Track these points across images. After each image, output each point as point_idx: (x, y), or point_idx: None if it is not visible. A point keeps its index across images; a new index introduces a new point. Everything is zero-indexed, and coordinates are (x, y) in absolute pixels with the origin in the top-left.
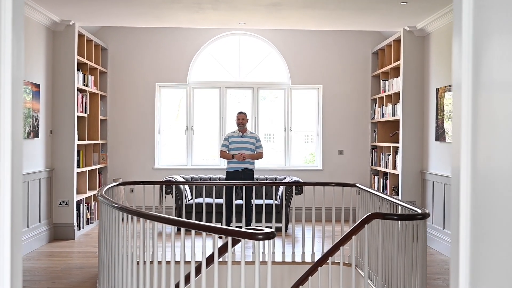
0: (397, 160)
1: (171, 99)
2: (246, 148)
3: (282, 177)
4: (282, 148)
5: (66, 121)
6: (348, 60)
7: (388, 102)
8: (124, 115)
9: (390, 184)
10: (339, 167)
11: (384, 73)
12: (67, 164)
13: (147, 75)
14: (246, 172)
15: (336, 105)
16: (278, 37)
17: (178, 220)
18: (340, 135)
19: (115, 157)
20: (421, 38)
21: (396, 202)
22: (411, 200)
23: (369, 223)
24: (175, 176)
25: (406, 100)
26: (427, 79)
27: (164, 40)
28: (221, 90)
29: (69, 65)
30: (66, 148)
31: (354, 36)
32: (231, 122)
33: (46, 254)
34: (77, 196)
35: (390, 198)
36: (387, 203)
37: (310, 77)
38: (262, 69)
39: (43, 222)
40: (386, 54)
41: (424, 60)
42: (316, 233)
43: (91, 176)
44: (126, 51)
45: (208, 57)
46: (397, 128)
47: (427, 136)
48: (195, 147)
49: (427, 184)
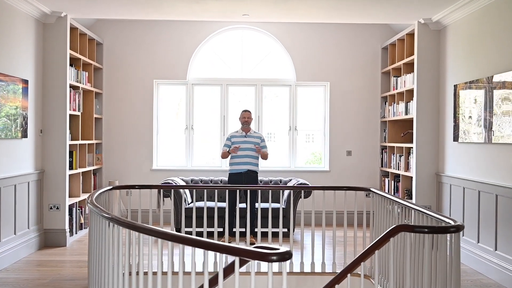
0: (410, 161)
1: (170, 97)
2: (250, 148)
3: (288, 179)
4: (286, 149)
5: (57, 120)
6: (356, 56)
7: (400, 100)
8: (120, 113)
9: (402, 187)
10: (347, 168)
11: (396, 69)
12: (59, 166)
13: (145, 71)
14: (250, 175)
15: (344, 103)
16: (283, 31)
17: (176, 235)
18: (348, 135)
19: (111, 158)
20: (436, 32)
21: (422, 210)
22: (425, 204)
23: (394, 236)
24: (174, 178)
25: (421, 98)
26: (443, 75)
27: (162, 34)
28: (223, 87)
29: (60, 60)
30: (58, 149)
31: (363, 31)
32: (233, 121)
33: (34, 263)
34: (69, 199)
35: (414, 206)
36: (405, 210)
37: (317, 73)
38: (266, 65)
39: (32, 228)
40: (398, 49)
41: (440, 55)
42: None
43: (85, 178)
44: (123, 46)
45: (209, 52)
46: (409, 127)
47: (443, 136)
48: (195, 148)
49: (443, 187)
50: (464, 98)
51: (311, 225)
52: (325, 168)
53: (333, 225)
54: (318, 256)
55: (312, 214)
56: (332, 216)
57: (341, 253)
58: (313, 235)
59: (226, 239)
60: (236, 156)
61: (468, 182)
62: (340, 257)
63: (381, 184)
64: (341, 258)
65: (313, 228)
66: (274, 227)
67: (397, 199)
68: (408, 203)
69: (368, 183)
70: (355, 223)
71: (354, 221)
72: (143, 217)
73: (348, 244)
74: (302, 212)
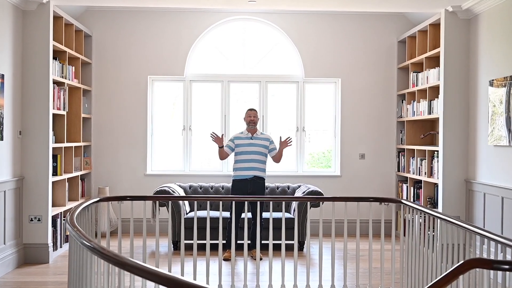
0: (434, 166)
1: (166, 95)
2: (258, 152)
3: (296, 186)
4: (292, 151)
5: (39, 120)
6: (370, 50)
7: (421, 98)
8: (111, 112)
9: (425, 194)
10: (360, 173)
11: (416, 64)
12: (41, 172)
13: (138, 67)
14: (256, 181)
15: (356, 102)
16: (290, 22)
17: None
18: (361, 136)
19: (101, 162)
20: (466, 21)
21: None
22: (454, 215)
23: (464, 274)
24: (171, 185)
25: (449, 95)
26: (474, 70)
27: (158, 26)
28: (224, 84)
29: (42, 52)
30: (39, 153)
31: (377, 22)
32: (234, 121)
33: (10, 285)
34: (53, 209)
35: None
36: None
37: (327, 69)
38: (271, 60)
39: (10, 243)
40: (419, 41)
41: (470, 47)
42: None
43: (71, 184)
44: (114, 39)
45: (209, 46)
46: (431, 128)
47: (473, 137)
48: (194, 150)
49: (475, 196)
50: (502, 95)
51: (318, 235)
52: (336, 172)
53: (344, 237)
54: (327, 274)
55: (320, 224)
56: (343, 226)
57: (353, 270)
58: (321, 248)
59: (233, 256)
60: (241, 161)
61: (508, 192)
62: (352, 275)
63: (398, 190)
64: (353, 278)
65: (321, 241)
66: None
67: (453, 220)
68: (471, 226)
69: (383, 189)
70: (370, 234)
71: (369, 231)
72: (136, 227)
73: (361, 259)
74: (308, 221)
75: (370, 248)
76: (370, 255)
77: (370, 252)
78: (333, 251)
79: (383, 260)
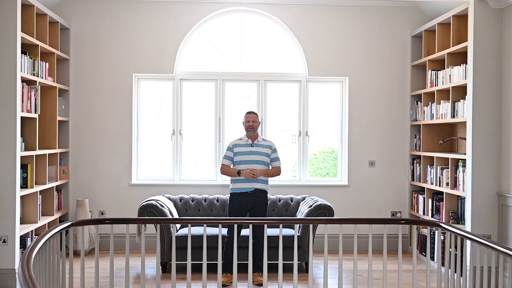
0: (459, 176)
1: (153, 95)
2: (258, 161)
3: (300, 197)
4: (294, 158)
5: (4, 125)
6: (380, 46)
7: (442, 99)
8: (91, 115)
9: (446, 208)
10: (370, 182)
11: (435, 61)
12: (6, 185)
13: (122, 64)
14: (258, 195)
15: (365, 103)
16: (292, 15)
17: None
18: (371, 142)
19: (80, 171)
20: (498, 11)
21: None
22: (484, 233)
23: None
24: (159, 198)
25: (478, 96)
26: (507, 67)
27: (144, 17)
28: (218, 83)
29: (8, 45)
30: (4, 162)
31: (388, 15)
32: (230, 124)
33: None
34: (22, 228)
35: None
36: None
37: (332, 67)
38: (270, 56)
39: None
40: (439, 35)
41: (503, 40)
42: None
43: (45, 197)
44: (94, 32)
45: (201, 40)
46: (450, 133)
47: (508, 144)
48: (184, 157)
49: (509, 211)
50: None
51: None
52: (343, 182)
53: (354, 259)
54: None
55: (325, 241)
56: (353, 242)
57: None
58: (326, 269)
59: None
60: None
61: None
62: None
63: (412, 201)
64: None
65: (326, 261)
66: (285, 260)
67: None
68: (504, 248)
69: (395, 199)
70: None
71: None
72: (117, 244)
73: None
74: (310, 236)
75: (384, 270)
76: (384, 278)
77: (384, 274)
78: (341, 273)
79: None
